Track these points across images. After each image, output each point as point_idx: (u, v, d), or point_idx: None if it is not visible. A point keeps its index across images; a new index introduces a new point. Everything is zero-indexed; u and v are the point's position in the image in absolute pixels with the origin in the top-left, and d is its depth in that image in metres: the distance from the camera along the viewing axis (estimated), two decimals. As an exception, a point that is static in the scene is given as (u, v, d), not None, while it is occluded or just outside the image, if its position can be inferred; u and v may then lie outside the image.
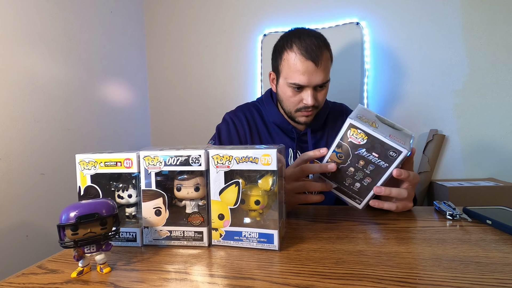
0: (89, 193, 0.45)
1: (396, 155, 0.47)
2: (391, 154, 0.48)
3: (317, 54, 0.70)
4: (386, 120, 0.55)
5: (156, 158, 0.42)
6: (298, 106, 0.76)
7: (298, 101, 0.75)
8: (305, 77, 0.71)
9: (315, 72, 0.71)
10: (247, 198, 0.42)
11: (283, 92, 0.77)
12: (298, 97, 0.75)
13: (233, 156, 0.41)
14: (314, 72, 0.71)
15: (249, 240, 0.42)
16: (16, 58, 0.95)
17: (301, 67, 0.71)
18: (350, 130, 0.49)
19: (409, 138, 0.52)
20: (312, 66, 0.70)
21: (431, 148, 1.26)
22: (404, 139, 0.50)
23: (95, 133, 1.27)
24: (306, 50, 0.70)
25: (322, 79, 0.72)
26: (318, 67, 0.70)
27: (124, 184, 0.46)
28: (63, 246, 0.34)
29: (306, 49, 0.70)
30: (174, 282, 0.33)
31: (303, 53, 0.70)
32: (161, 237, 0.44)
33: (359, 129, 0.48)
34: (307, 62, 0.70)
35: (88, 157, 0.44)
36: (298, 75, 0.71)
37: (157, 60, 1.64)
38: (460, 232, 0.46)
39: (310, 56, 0.70)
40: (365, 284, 0.31)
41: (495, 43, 1.22)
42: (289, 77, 0.73)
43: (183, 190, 0.43)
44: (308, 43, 0.71)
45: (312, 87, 0.73)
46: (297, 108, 0.76)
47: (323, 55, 0.71)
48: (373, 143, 0.48)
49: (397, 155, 0.47)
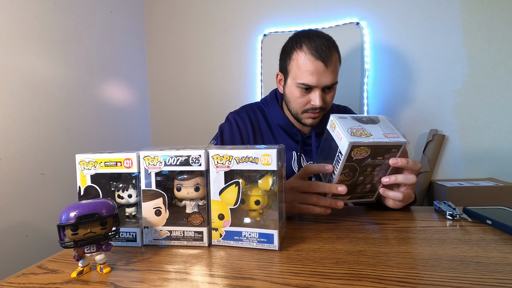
0: (89, 193, 0.45)
1: (397, 149, 0.50)
2: (393, 150, 0.50)
3: (327, 54, 0.70)
4: (361, 118, 0.53)
5: (156, 158, 0.42)
6: (305, 107, 0.76)
7: (305, 102, 0.75)
8: (314, 77, 0.71)
9: (324, 73, 0.71)
10: (247, 198, 0.42)
11: (291, 92, 0.76)
12: (306, 98, 0.74)
13: (233, 156, 0.41)
14: (323, 73, 0.71)
15: (249, 240, 0.42)
16: (16, 58, 0.95)
17: (311, 67, 0.70)
18: (353, 151, 0.48)
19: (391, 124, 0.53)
20: (321, 66, 0.70)
21: (431, 148, 1.26)
22: (392, 129, 0.51)
23: (95, 133, 1.27)
24: (316, 50, 0.70)
25: (331, 80, 0.72)
26: (328, 68, 0.70)
27: (124, 184, 0.46)
28: (63, 246, 0.34)
29: (316, 49, 0.70)
30: (174, 282, 0.33)
31: (313, 53, 0.70)
32: (161, 237, 0.44)
33: (361, 146, 0.47)
34: (316, 62, 0.70)
35: (88, 157, 0.44)
36: (307, 75, 0.71)
37: (157, 60, 1.64)
38: (460, 232, 0.46)
39: (319, 56, 0.70)
40: (365, 284, 0.31)
41: (495, 43, 1.22)
42: (298, 77, 0.73)
43: (183, 190, 0.43)
44: (318, 44, 0.71)
45: (320, 88, 0.73)
46: (304, 109, 0.76)
47: (332, 56, 0.71)
48: (377, 150, 0.49)
49: (398, 148, 0.50)
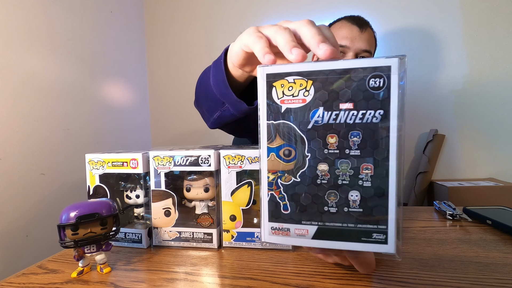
0: (97, 193, 0.45)
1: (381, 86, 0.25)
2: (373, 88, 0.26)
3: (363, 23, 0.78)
4: None
5: (165, 158, 0.42)
6: None
7: None
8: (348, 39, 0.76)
9: (359, 37, 0.76)
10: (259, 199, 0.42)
11: None
12: None
13: (246, 156, 0.41)
14: (358, 37, 0.76)
15: None
16: (16, 58, 0.95)
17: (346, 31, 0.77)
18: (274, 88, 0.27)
19: None
20: (356, 30, 0.76)
21: (431, 148, 1.26)
22: None
23: (95, 133, 1.27)
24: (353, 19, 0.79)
25: (365, 46, 0.76)
26: (362, 33, 0.76)
27: (132, 184, 0.46)
28: (63, 246, 0.34)
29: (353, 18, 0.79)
30: (174, 282, 0.33)
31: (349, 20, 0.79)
32: (170, 238, 0.43)
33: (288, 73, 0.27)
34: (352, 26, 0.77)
35: (96, 157, 0.44)
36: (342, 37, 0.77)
37: (157, 60, 1.64)
38: (460, 232, 0.46)
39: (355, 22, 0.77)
40: (365, 284, 0.31)
41: (495, 43, 1.22)
42: None
43: (193, 191, 0.43)
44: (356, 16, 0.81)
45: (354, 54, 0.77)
46: None
47: (368, 27, 0.79)
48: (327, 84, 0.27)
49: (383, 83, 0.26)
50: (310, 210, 0.26)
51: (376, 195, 0.25)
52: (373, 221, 0.25)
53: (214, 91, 0.44)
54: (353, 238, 0.25)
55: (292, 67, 0.26)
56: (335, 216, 0.26)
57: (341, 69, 0.24)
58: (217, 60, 0.43)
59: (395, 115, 0.24)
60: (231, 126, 0.54)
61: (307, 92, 0.25)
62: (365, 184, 0.25)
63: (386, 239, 0.25)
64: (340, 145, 0.25)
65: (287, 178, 0.27)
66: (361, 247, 0.25)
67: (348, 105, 0.24)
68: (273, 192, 0.28)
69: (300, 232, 0.27)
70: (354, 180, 0.25)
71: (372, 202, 0.25)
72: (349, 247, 0.26)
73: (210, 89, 0.45)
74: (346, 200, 0.25)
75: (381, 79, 0.24)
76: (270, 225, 0.28)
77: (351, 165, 0.25)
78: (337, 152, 0.25)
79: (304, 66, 0.25)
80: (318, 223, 0.26)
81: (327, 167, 0.26)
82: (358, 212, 0.25)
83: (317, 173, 0.26)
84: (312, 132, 0.26)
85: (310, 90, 0.25)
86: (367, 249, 0.25)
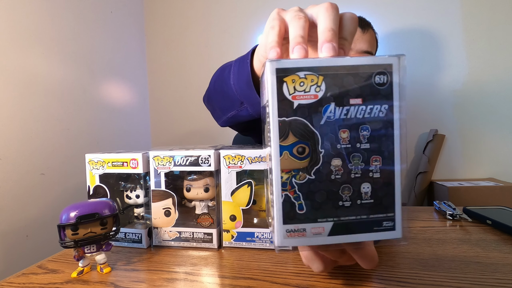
0: (97, 193, 0.45)
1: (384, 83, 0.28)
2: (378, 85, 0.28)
3: (365, 24, 0.76)
4: None
5: (165, 158, 0.42)
6: None
7: None
8: None
9: (361, 38, 0.74)
10: (259, 199, 0.42)
11: None
12: None
13: (246, 156, 0.40)
14: (359, 37, 0.74)
15: (262, 240, 0.41)
16: (16, 58, 0.95)
17: None
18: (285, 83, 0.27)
19: None
20: (358, 31, 0.74)
21: (431, 148, 1.26)
22: None
23: (95, 133, 1.27)
24: None
25: (366, 47, 0.75)
26: (364, 34, 0.74)
27: (132, 184, 0.46)
28: (63, 246, 0.34)
29: None
30: (174, 282, 0.33)
31: None
32: (170, 238, 0.43)
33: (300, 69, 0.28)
34: None
35: (96, 157, 0.44)
36: None
37: (157, 60, 1.64)
38: (460, 232, 0.46)
39: None
40: (365, 284, 0.31)
41: (495, 43, 1.22)
42: None
43: (193, 191, 0.43)
44: None
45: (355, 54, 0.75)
46: None
47: (369, 28, 0.77)
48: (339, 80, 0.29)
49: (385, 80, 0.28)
50: (325, 207, 0.26)
51: (384, 185, 0.26)
52: (383, 210, 0.26)
53: (234, 90, 0.43)
54: (366, 229, 0.26)
55: (302, 62, 0.26)
56: (349, 210, 0.26)
57: (350, 65, 0.25)
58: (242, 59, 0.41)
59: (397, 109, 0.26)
60: (243, 125, 0.53)
61: (318, 87, 0.25)
62: (375, 175, 0.26)
63: (394, 225, 0.26)
64: (352, 139, 0.26)
65: (302, 176, 0.26)
66: (373, 236, 0.26)
67: (358, 101, 0.26)
68: (287, 193, 0.26)
69: (316, 231, 0.26)
70: (365, 173, 0.26)
71: (381, 192, 0.26)
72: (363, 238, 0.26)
73: (230, 87, 0.43)
74: (359, 193, 0.26)
75: (385, 76, 0.26)
76: (285, 227, 0.27)
77: (362, 158, 0.26)
78: (349, 146, 0.26)
79: (314, 61, 0.26)
80: (333, 219, 0.26)
81: (340, 162, 0.26)
82: (370, 203, 0.26)
83: (331, 168, 0.26)
84: (325, 127, 0.26)
85: (321, 85, 0.25)
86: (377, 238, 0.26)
